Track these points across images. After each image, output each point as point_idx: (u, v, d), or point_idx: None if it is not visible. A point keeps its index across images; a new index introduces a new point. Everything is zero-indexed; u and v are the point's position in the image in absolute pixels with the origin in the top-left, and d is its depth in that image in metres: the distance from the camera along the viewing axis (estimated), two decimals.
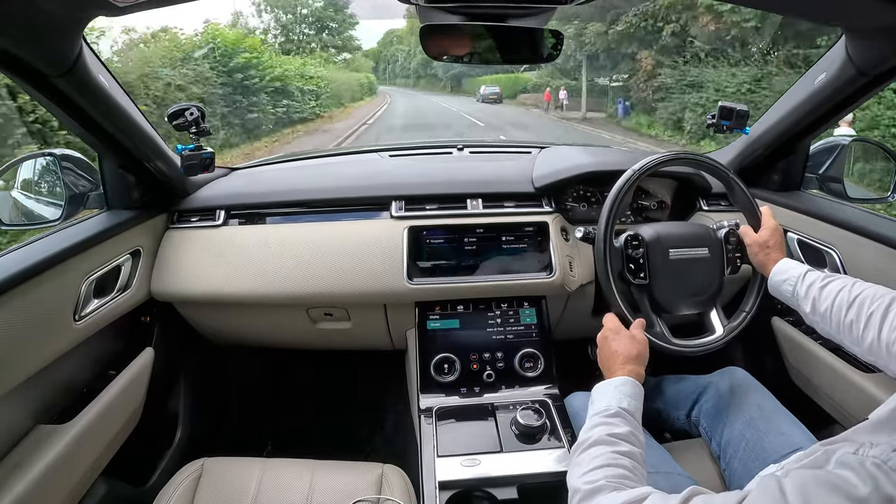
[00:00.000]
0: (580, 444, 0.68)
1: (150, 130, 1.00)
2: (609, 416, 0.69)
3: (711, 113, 1.12)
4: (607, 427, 0.67)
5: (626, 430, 0.67)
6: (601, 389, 0.76)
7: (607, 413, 0.69)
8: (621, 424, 0.68)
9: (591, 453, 0.65)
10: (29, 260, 0.78)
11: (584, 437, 0.68)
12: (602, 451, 0.64)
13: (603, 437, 0.66)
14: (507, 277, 1.12)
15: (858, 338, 0.70)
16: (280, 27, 29.52)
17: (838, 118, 1.04)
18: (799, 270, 0.83)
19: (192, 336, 1.29)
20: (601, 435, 0.66)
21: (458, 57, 0.89)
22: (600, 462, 0.63)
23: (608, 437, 0.66)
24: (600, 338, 0.86)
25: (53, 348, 0.84)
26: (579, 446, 0.67)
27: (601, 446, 0.65)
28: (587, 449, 0.66)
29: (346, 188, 1.24)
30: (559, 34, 0.89)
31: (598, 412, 0.71)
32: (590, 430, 0.69)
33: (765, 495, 0.39)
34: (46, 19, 0.64)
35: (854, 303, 0.72)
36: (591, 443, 0.66)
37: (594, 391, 0.77)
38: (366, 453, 1.00)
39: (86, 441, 0.87)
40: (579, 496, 0.60)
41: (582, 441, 0.68)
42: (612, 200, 0.93)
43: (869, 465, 0.35)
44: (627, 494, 0.55)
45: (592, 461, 0.63)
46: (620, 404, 0.71)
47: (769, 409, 0.91)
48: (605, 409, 0.71)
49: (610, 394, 0.73)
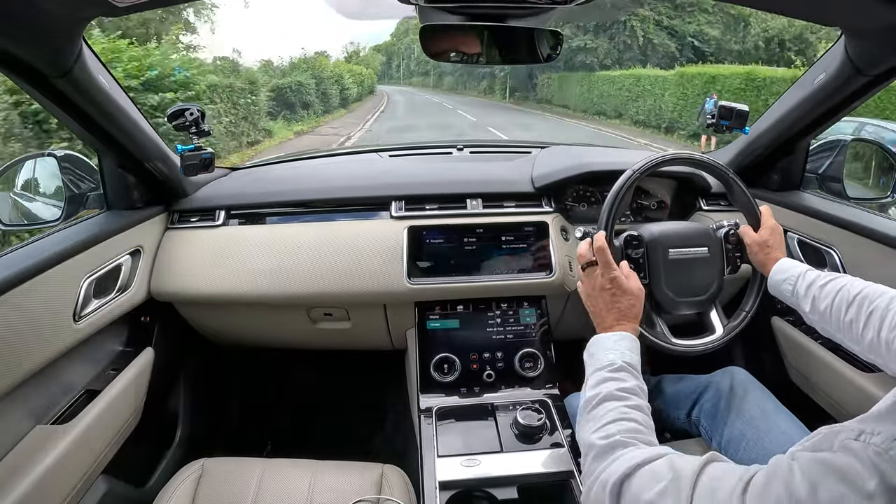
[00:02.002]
0: (589, 399, 0.66)
1: (150, 130, 1.00)
2: (614, 370, 0.68)
3: (711, 112, 1.12)
4: (615, 382, 0.66)
5: (633, 384, 0.66)
6: (600, 343, 0.74)
7: (612, 368, 0.68)
8: (628, 379, 0.67)
9: (602, 409, 0.64)
10: (29, 260, 0.78)
11: (593, 392, 0.67)
12: (613, 406, 0.63)
13: (612, 392, 0.65)
14: (507, 277, 1.12)
15: (858, 336, 0.70)
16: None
17: (838, 118, 1.04)
18: (799, 269, 0.84)
19: (192, 336, 1.29)
20: (610, 390, 0.65)
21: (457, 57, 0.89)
22: (613, 417, 0.62)
23: (617, 392, 0.65)
24: (587, 291, 0.82)
25: (53, 348, 0.84)
26: (589, 402, 0.66)
27: (612, 401, 0.64)
28: (598, 405, 0.65)
29: (346, 188, 1.24)
30: (559, 34, 0.89)
31: (603, 367, 0.69)
32: (597, 385, 0.67)
33: (774, 473, 0.40)
34: (46, 19, 0.64)
35: (854, 301, 0.72)
36: (601, 398, 0.65)
37: (591, 344, 0.75)
38: (366, 453, 1.00)
39: (86, 441, 0.87)
40: (595, 452, 0.59)
41: (591, 397, 0.66)
42: (611, 200, 0.93)
43: (871, 453, 0.35)
44: (646, 452, 0.54)
45: (604, 416, 0.62)
46: (623, 358, 0.69)
47: (769, 408, 0.91)
48: (609, 363, 0.69)
49: (610, 347, 0.72)
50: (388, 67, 60.03)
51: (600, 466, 0.56)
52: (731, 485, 0.41)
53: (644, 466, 0.52)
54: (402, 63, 55.31)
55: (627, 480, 0.52)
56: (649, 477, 0.50)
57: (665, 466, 0.50)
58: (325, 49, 61.57)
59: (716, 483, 0.43)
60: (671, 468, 0.48)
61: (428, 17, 0.88)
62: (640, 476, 0.51)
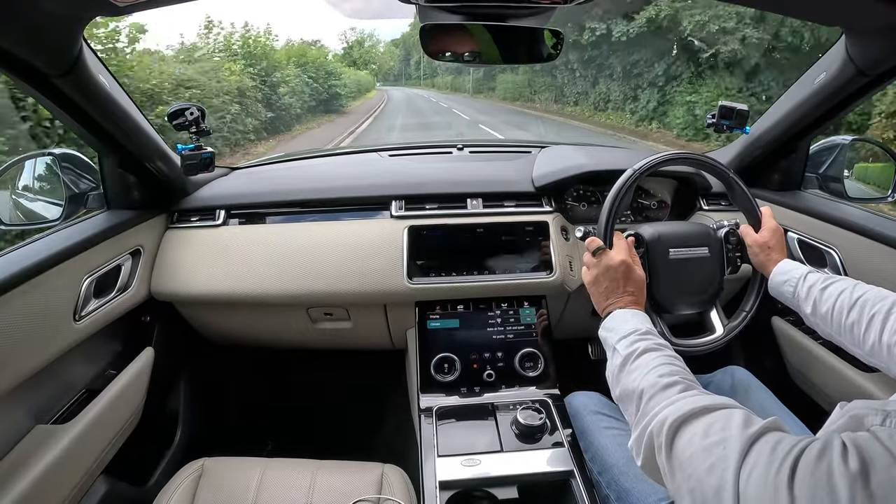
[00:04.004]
0: (627, 356, 0.64)
1: (150, 130, 1.00)
2: (643, 333, 0.67)
3: (711, 112, 1.12)
4: (648, 340, 0.65)
5: (665, 343, 0.65)
6: (617, 317, 0.73)
7: (639, 332, 0.67)
8: (659, 338, 0.66)
9: (646, 358, 0.62)
10: (29, 260, 0.78)
11: (629, 350, 0.65)
12: (657, 355, 0.62)
13: (650, 345, 0.64)
14: (507, 277, 1.12)
15: (860, 340, 0.70)
16: None
17: (838, 118, 1.04)
18: (800, 271, 0.83)
19: (192, 336, 1.29)
20: (647, 344, 0.64)
21: (457, 56, 0.89)
22: (661, 361, 0.60)
23: (656, 346, 0.64)
24: (596, 273, 0.81)
25: (53, 348, 0.84)
26: (627, 359, 0.64)
27: (653, 352, 0.62)
28: (639, 356, 0.63)
29: (346, 188, 1.24)
30: (559, 34, 0.89)
31: (629, 333, 0.68)
32: (631, 345, 0.66)
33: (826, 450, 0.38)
34: (46, 19, 0.64)
35: (856, 305, 0.71)
36: (640, 351, 0.63)
37: (609, 320, 0.74)
38: (366, 453, 1.00)
39: (86, 441, 0.87)
40: (651, 391, 0.57)
41: (629, 353, 0.64)
42: (611, 200, 0.93)
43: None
44: (712, 399, 0.52)
45: (651, 363, 0.61)
46: (647, 326, 0.69)
47: (770, 408, 0.91)
48: (634, 329, 0.68)
49: (629, 319, 0.71)
50: (406, 65, 52.77)
51: (661, 404, 0.54)
52: (780, 456, 0.40)
53: (709, 413, 0.50)
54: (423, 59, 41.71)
55: (689, 422, 0.50)
56: (710, 425, 0.48)
57: (728, 419, 0.48)
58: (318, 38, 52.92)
59: (767, 452, 0.41)
60: (734, 423, 0.47)
61: (428, 16, 0.88)
62: (702, 420, 0.49)
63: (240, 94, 8.61)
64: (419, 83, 48.86)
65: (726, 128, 1.09)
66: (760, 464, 0.41)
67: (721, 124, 1.10)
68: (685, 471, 0.46)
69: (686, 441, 0.48)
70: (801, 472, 0.38)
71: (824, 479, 0.36)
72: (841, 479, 0.35)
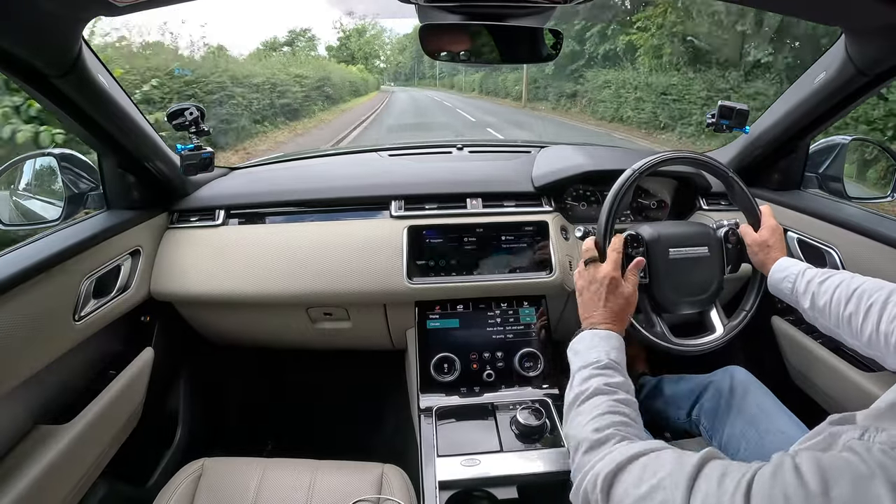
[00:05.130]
0: (578, 395, 0.65)
1: (149, 130, 1.00)
2: (601, 367, 0.68)
3: (711, 112, 1.11)
4: (603, 378, 0.66)
5: (621, 379, 0.66)
6: (586, 340, 0.74)
7: (598, 365, 0.68)
8: (615, 375, 0.67)
9: (592, 403, 0.63)
10: (29, 260, 0.78)
11: (581, 388, 0.66)
12: (603, 401, 0.62)
13: (601, 386, 0.64)
14: (507, 277, 1.12)
15: (857, 331, 0.70)
16: None
17: (838, 118, 1.04)
18: (798, 267, 0.83)
19: (192, 336, 1.29)
20: (598, 385, 0.64)
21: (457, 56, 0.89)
22: (604, 409, 0.61)
23: (606, 387, 0.64)
24: (583, 283, 0.82)
25: (53, 348, 0.84)
26: (577, 398, 0.65)
27: (601, 396, 0.63)
28: (587, 399, 0.64)
29: (346, 188, 1.24)
30: (559, 33, 0.89)
31: (589, 364, 0.69)
32: (584, 381, 0.67)
33: (778, 471, 0.38)
34: (46, 19, 0.64)
35: (853, 296, 0.72)
36: (590, 393, 0.64)
37: (577, 341, 0.75)
38: (366, 453, 1.00)
39: (86, 441, 0.87)
40: (587, 444, 0.58)
41: (580, 393, 0.65)
42: (611, 200, 0.93)
43: (876, 450, 0.35)
44: (640, 445, 0.53)
45: (595, 409, 0.61)
46: (609, 356, 0.69)
47: (769, 408, 0.91)
48: (595, 360, 0.69)
49: (596, 345, 0.72)
50: (419, 62, 45.91)
51: (593, 459, 0.55)
52: (731, 484, 0.40)
53: (638, 459, 0.50)
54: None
55: (620, 473, 0.50)
56: (642, 471, 0.48)
57: (660, 461, 0.48)
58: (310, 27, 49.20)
59: (715, 482, 0.41)
60: (667, 463, 0.47)
61: (428, 16, 0.88)
62: (633, 469, 0.50)
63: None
64: (434, 83, 41.81)
65: (726, 127, 1.09)
66: (711, 499, 0.40)
67: (721, 124, 1.10)
68: None
69: (622, 492, 0.48)
70: (756, 498, 0.37)
71: (780, 501, 0.35)
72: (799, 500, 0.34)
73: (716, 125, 1.10)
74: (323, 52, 37.29)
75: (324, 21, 55.62)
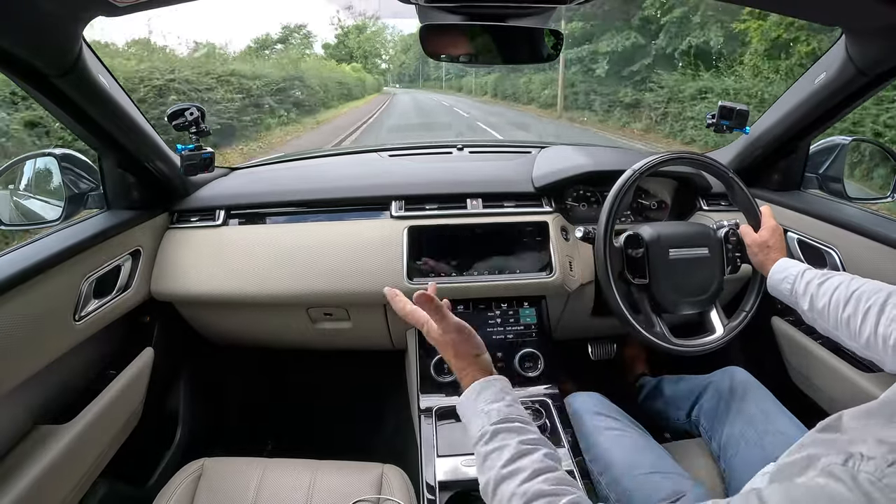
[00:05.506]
0: (483, 489, 0.55)
1: (150, 130, 1.00)
2: (487, 441, 0.57)
3: (711, 113, 1.12)
4: (493, 456, 0.55)
5: (505, 442, 0.55)
6: (465, 407, 0.63)
7: (485, 440, 0.57)
8: (498, 438, 0.56)
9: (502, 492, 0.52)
10: (29, 260, 0.78)
11: (483, 480, 0.55)
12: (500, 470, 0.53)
13: (499, 474, 0.53)
14: (507, 277, 1.12)
15: (856, 333, 0.70)
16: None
17: (839, 118, 1.04)
18: (797, 269, 0.84)
19: (192, 336, 1.29)
20: (497, 473, 0.53)
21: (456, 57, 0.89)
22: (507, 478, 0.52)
23: (505, 472, 0.53)
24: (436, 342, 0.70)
25: (53, 348, 0.84)
26: (485, 492, 0.55)
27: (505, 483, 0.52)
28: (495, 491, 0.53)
29: (346, 188, 1.24)
30: (559, 34, 0.89)
31: (476, 441, 0.58)
32: (480, 469, 0.56)
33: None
34: (46, 19, 0.64)
35: (851, 298, 0.72)
36: (494, 483, 0.53)
37: (459, 407, 0.65)
38: (366, 453, 1.00)
39: (86, 441, 0.87)
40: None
41: (484, 484, 0.55)
42: (612, 200, 0.93)
43: (862, 480, 0.32)
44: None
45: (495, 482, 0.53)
46: (490, 420, 0.58)
47: (769, 408, 0.91)
48: (480, 434, 0.58)
49: (478, 410, 0.60)
50: (424, 62, 40.60)
51: None
52: None
53: None
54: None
55: None
56: None
57: None
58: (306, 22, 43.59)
59: None
60: None
61: (428, 16, 0.88)
62: None
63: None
64: (440, 85, 36.94)
65: (726, 128, 1.09)
66: None
67: (721, 124, 1.10)
68: None
69: None
70: None
71: None
72: None
73: (716, 126, 1.10)
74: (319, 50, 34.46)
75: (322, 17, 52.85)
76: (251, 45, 26.86)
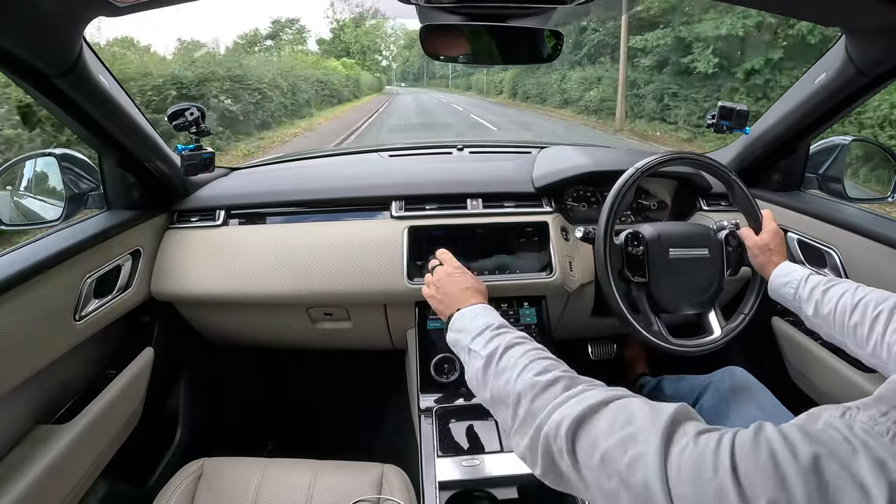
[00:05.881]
0: (489, 357, 0.58)
1: (150, 130, 1.00)
2: (496, 328, 0.63)
3: (711, 113, 1.12)
4: (506, 334, 0.61)
5: (523, 333, 0.61)
6: (465, 316, 0.69)
7: (493, 327, 0.63)
8: (515, 331, 0.62)
9: (511, 356, 0.56)
10: (29, 260, 0.78)
11: (489, 350, 0.59)
12: (524, 350, 0.57)
13: (511, 340, 0.59)
14: (507, 277, 1.12)
15: (862, 341, 0.69)
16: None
17: (839, 118, 1.04)
18: (801, 273, 0.83)
19: (192, 336, 1.29)
20: (507, 340, 0.58)
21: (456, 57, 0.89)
22: (532, 357, 0.55)
23: (517, 339, 0.59)
24: (432, 288, 0.80)
25: (53, 348, 0.84)
26: (490, 360, 0.58)
27: (518, 347, 0.57)
28: (503, 355, 0.57)
29: (346, 188, 1.24)
30: (559, 34, 0.89)
31: (483, 329, 0.63)
32: (488, 343, 0.60)
33: (760, 433, 0.36)
34: (46, 19, 0.64)
35: (858, 305, 0.71)
36: (502, 349, 0.57)
37: (456, 321, 0.70)
38: (366, 453, 1.00)
39: (86, 441, 0.87)
40: (533, 392, 0.51)
41: (490, 353, 0.58)
42: (612, 200, 0.93)
43: (857, 429, 0.34)
44: (607, 392, 0.47)
45: (521, 360, 0.55)
46: (497, 321, 0.65)
47: (769, 408, 0.91)
48: (487, 325, 0.64)
49: (478, 314, 0.68)
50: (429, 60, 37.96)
51: (548, 404, 0.49)
52: (712, 441, 0.37)
53: (607, 407, 0.45)
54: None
55: (587, 421, 0.45)
56: (612, 420, 0.44)
57: (631, 411, 0.44)
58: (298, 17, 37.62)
59: (692, 437, 0.39)
60: (639, 414, 0.43)
61: (428, 16, 0.88)
62: (601, 418, 0.45)
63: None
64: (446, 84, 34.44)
65: (726, 128, 1.09)
66: (689, 452, 0.38)
67: (721, 125, 1.10)
68: (601, 472, 0.42)
69: (591, 441, 0.44)
70: (742, 456, 0.35)
71: (770, 467, 0.34)
72: (790, 468, 0.33)
73: (716, 126, 1.11)
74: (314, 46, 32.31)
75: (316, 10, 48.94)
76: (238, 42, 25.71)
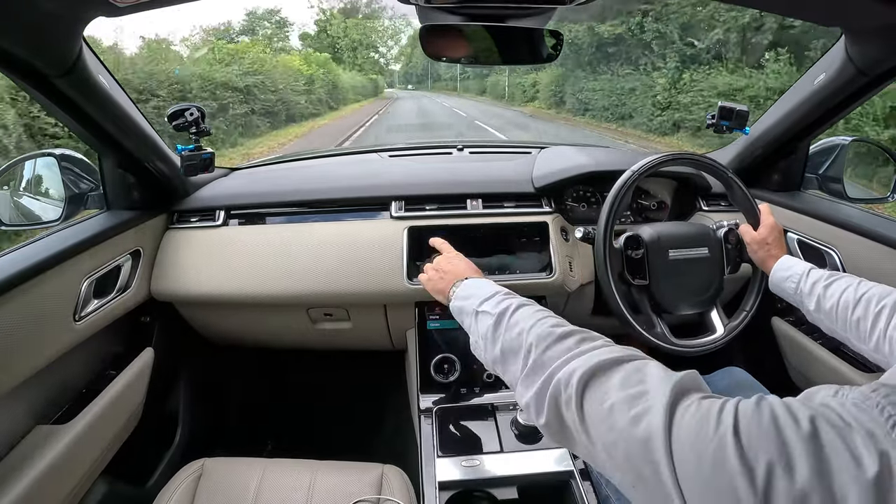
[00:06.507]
0: (501, 314, 0.58)
1: (150, 130, 1.00)
2: (506, 294, 0.64)
3: (711, 113, 1.11)
4: (516, 298, 0.61)
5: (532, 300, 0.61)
6: (472, 284, 0.70)
7: (502, 293, 0.64)
8: (521, 297, 0.63)
9: (524, 312, 0.57)
10: (29, 260, 0.78)
11: (499, 307, 0.59)
12: (535, 309, 0.57)
13: (523, 301, 0.60)
14: (507, 277, 1.12)
15: (865, 335, 0.69)
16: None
17: (839, 118, 1.04)
18: (802, 267, 0.83)
19: (192, 336, 1.29)
20: (520, 301, 0.60)
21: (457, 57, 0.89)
22: (544, 314, 0.56)
23: (528, 302, 0.60)
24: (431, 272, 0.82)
25: (53, 348, 0.84)
26: (502, 316, 0.58)
27: (529, 307, 0.58)
28: (515, 312, 0.57)
29: (346, 188, 1.24)
30: (559, 34, 0.89)
31: (492, 294, 0.64)
32: (499, 303, 0.60)
33: (762, 402, 0.37)
34: (46, 19, 0.64)
35: (861, 300, 0.71)
36: (515, 307, 0.58)
37: (462, 289, 0.70)
38: (366, 453, 1.00)
39: (86, 441, 0.87)
40: (548, 341, 0.51)
41: (501, 312, 0.58)
42: (611, 200, 0.93)
43: (849, 405, 0.35)
44: (624, 351, 0.48)
45: (534, 315, 0.56)
46: (506, 290, 0.66)
47: None
48: (495, 291, 0.64)
49: (487, 285, 0.68)
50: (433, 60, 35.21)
51: (563, 355, 0.49)
52: (715, 406, 0.38)
53: (621, 365, 0.46)
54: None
55: (600, 375, 0.45)
56: (625, 376, 0.44)
57: (645, 371, 0.44)
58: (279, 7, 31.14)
59: (696, 401, 0.39)
60: (653, 374, 0.44)
61: (428, 17, 0.88)
62: (615, 374, 0.45)
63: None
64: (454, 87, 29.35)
65: (726, 128, 1.09)
66: (693, 410, 0.38)
67: (721, 125, 1.10)
68: (605, 423, 0.42)
69: (600, 394, 0.44)
70: (745, 424, 0.36)
71: (772, 431, 0.34)
72: (792, 433, 0.34)
73: (715, 126, 1.10)
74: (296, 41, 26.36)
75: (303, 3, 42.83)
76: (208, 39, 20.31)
